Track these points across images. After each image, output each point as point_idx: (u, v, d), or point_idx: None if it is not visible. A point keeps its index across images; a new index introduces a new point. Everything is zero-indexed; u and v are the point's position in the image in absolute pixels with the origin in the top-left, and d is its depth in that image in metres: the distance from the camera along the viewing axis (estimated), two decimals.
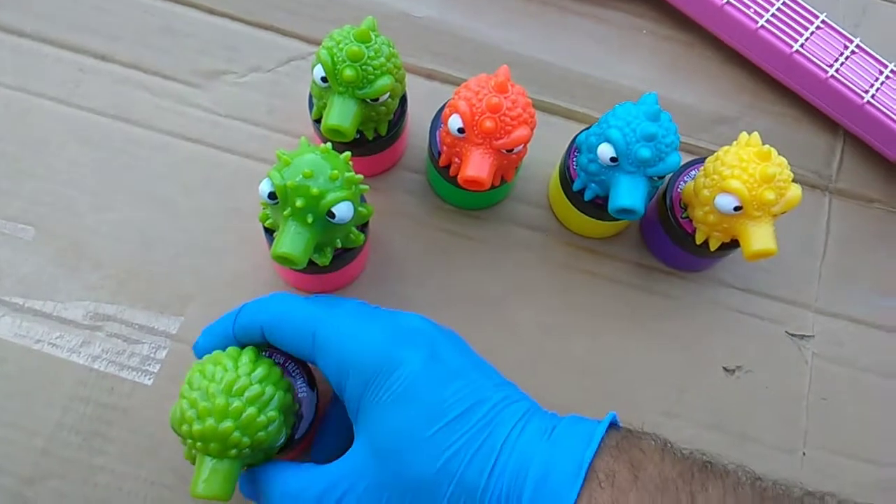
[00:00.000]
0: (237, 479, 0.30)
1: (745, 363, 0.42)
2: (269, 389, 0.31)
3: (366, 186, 0.36)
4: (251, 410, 0.30)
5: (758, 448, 0.41)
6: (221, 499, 0.30)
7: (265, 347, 0.34)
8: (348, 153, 0.35)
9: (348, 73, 0.36)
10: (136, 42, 0.46)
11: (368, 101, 0.37)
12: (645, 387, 0.42)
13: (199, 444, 0.30)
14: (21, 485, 0.37)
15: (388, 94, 0.38)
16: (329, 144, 0.35)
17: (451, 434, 0.29)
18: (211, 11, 0.47)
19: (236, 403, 0.30)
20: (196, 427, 0.29)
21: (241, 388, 0.30)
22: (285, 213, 0.33)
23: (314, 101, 0.40)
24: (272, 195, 0.33)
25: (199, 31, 0.47)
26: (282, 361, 0.35)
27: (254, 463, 0.32)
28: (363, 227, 0.38)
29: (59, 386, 0.39)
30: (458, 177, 0.37)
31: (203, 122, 0.45)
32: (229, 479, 0.30)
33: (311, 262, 0.35)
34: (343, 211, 0.33)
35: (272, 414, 0.31)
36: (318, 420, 0.35)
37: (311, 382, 0.35)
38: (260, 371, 0.31)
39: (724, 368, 0.42)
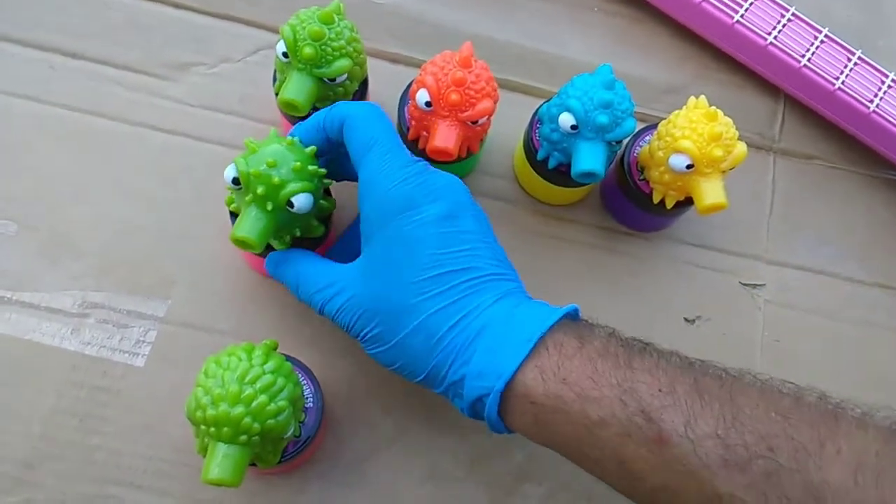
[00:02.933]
0: (246, 467, 0.32)
1: (703, 313, 0.45)
2: (280, 380, 0.33)
3: (329, 181, 0.37)
4: (262, 398, 0.31)
5: None
6: (233, 484, 0.31)
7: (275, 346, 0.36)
8: (314, 147, 0.36)
9: (308, 51, 0.38)
10: (104, 38, 0.47)
11: (326, 80, 0.39)
12: None
13: (212, 429, 0.31)
14: (21, 469, 0.38)
15: (346, 75, 0.40)
16: (297, 138, 0.36)
17: (435, 284, 0.32)
18: (176, 5, 0.49)
19: (249, 391, 0.31)
20: (210, 412, 0.31)
21: (254, 376, 0.32)
22: (247, 198, 0.35)
23: (277, 75, 0.42)
24: (236, 181, 0.35)
25: (165, 25, 0.48)
26: (294, 365, 0.37)
27: (262, 453, 0.33)
28: (326, 220, 0.39)
29: (52, 372, 0.40)
30: (427, 148, 0.39)
31: (176, 112, 0.46)
32: (240, 466, 0.31)
33: (269, 247, 0.37)
34: (301, 201, 0.35)
35: (282, 403, 0.32)
36: (323, 425, 0.37)
37: (318, 387, 0.37)
38: (272, 363, 0.33)
39: (685, 319, 0.45)
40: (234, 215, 0.38)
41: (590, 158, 0.39)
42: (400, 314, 0.32)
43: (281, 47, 0.39)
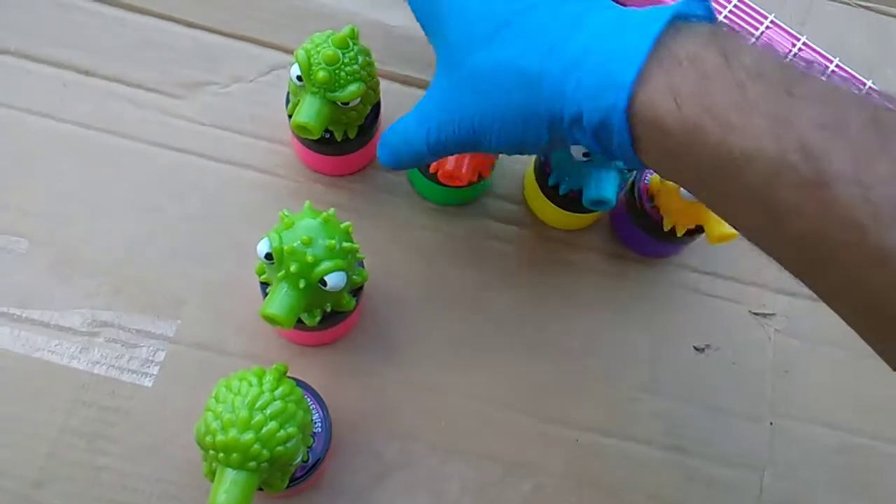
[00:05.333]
0: (254, 493, 0.31)
1: (712, 341, 0.45)
2: (290, 406, 0.32)
3: (362, 255, 0.37)
4: (272, 425, 0.31)
5: (728, 419, 0.44)
6: None
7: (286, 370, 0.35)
8: (349, 224, 0.36)
9: (321, 74, 0.38)
10: (118, 56, 0.47)
11: (339, 104, 0.39)
12: (622, 367, 0.44)
13: (220, 454, 0.31)
14: (28, 488, 0.38)
15: (360, 99, 0.40)
16: (332, 211, 0.36)
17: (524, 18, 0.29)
18: (190, 25, 0.49)
19: (259, 417, 0.31)
20: (219, 438, 0.31)
21: (264, 403, 0.32)
22: (279, 274, 0.34)
23: (290, 97, 0.42)
24: (269, 256, 0.34)
25: (179, 44, 0.48)
26: (303, 390, 0.37)
27: (270, 479, 0.33)
28: (356, 292, 0.39)
29: (60, 391, 0.40)
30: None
31: (188, 131, 0.46)
32: (248, 492, 0.31)
33: (299, 321, 0.37)
34: (335, 280, 0.34)
35: (292, 430, 0.32)
36: (330, 450, 0.37)
37: (326, 412, 0.37)
38: (282, 389, 0.33)
39: (695, 347, 0.45)
40: (263, 285, 0.38)
41: (602, 186, 0.39)
42: (487, 68, 0.30)
43: (295, 71, 0.39)
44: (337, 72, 0.38)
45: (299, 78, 0.39)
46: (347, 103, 0.39)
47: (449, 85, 0.32)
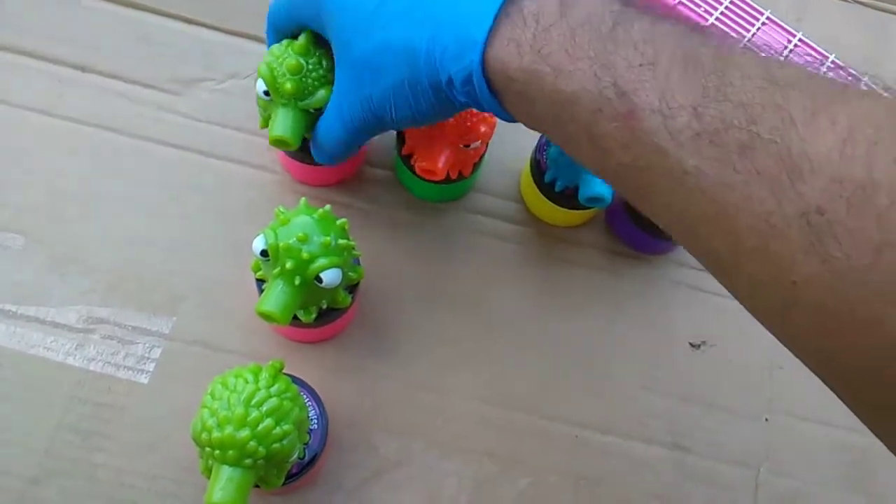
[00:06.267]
0: (250, 490, 0.32)
1: (709, 338, 0.45)
2: (286, 403, 0.32)
3: (358, 252, 0.37)
4: (268, 421, 0.31)
5: (725, 416, 0.44)
6: None
7: (282, 366, 0.35)
8: (345, 220, 0.36)
9: (288, 86, 0.37)
10: (114, 52, 0.47)
11: (311, 111, 0.38)
12: (619, 364, 0.44)
13: (217, 451, 0.31)
14: (26, 485, 0.38)
15: None
16: (328, 207, 0.36)
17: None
18: (187, 21, 0.49)
19: (255, 414, 0.31)
20: (215, 435, 0.31)
21: (260, 399, 0.32)
22: (275, 271, 0.34)
23: (259, 112, 0.41)
24: (264, 252, 0.34)
25: (175, 40, 0.48)
26: (299, 386, 0.37)
27: (266, 476, 0.33)
28: (353, 289, 0.39)
29: (56, 388, 0.40)
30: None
31: (184, 128, 0.46)
32: (243, 489, 0.31)
33: (294, 317, 0.37)
34: (330, 277, 0.34)
35: (288, 427, 0.32)
36: (327, 447, 0.37)
37: (323, 409, 0.37)
38: (278, 386, 0.33)
39: (690, 344, 0.45)
40: (259, 282, 0.38)
41: (598, 183, 0.39)
42: (370, 53, 0.33)
43: (261, 86, 0.38)
44: (303, 80, 0.37)
45: (266, 93, 0.38)
46: (320, 108, 0.38)
47: (346, 71, 0.35)
